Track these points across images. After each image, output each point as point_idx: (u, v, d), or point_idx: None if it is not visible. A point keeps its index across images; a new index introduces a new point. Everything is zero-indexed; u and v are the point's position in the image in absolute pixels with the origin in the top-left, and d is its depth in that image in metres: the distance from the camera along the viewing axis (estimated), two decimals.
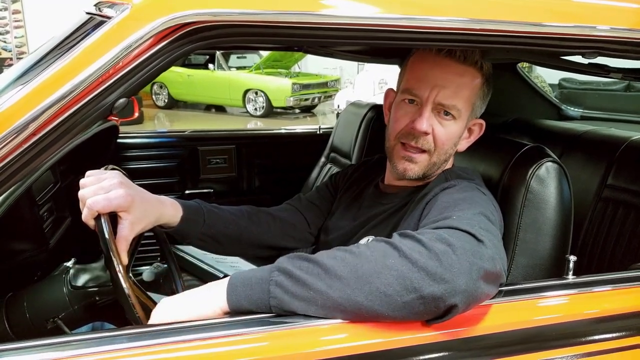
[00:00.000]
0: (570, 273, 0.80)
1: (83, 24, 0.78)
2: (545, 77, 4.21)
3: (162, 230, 0.98)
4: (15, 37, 8.18)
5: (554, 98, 2.05)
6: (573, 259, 0.81)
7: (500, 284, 0.73)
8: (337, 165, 1.92)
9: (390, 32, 0.71)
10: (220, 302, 0.69)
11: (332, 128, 2.04)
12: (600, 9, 0.81)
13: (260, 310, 0.67)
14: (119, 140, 1.85)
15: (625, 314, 0.79)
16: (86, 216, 0.80)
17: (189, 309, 0.70)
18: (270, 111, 9.04)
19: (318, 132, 2.16)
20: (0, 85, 0.73)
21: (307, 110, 9.77)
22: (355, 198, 1.08)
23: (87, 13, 0.80)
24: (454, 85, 0.89)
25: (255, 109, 9.09)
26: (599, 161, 1.30)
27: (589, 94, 6.29)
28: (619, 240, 1.23)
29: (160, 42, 0.62)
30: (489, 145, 1.09)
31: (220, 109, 10.00)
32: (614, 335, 0.77)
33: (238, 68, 9.70)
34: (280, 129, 2.23)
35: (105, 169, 0.90)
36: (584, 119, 2.04)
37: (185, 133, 2.08)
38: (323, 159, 2.01)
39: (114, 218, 0.84)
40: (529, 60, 1.51)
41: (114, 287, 0.78)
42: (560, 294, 0.78)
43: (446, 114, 0.90)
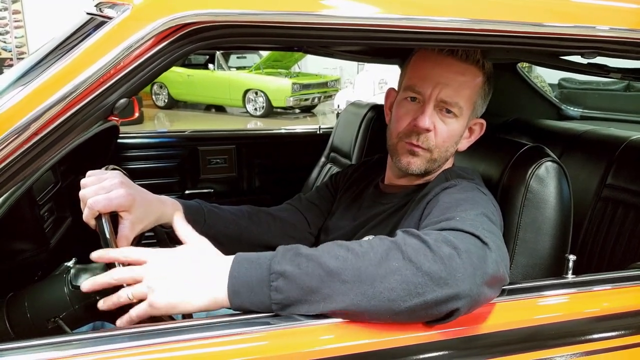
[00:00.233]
0: (570, 272, 0.80)
1: (84, 24, 0.78)
2: (545, 77, 4.22)
3: (163, 230, 0.98)
4: (15, 37, 8.18)
5: (553, 98, 2.05)
6: (572, 258, 0.81)
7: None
8: (337, 165, 1.92)
9: (390, 33, 0.71)
10: (222, 302, 0.67)
11: (332, 128, 2.04)
12: (600, 9, 0.81)
13: (263, 311, 0.66)
14: (119, 141, 1.85)
15: (624, 313, 0.79)
16: (87, 216, 0.80)
17: (182, 293, 0.67)
18: (270, 111, 9.04)
19: (318, 132, 2.16)
20: (2, 86, 0.74)
21: (307, 110, 9.76)
22: (355, 198, 1.08)
23: (88, 13, 0.80)
24: (456, 83, 0.90)
25: (255, 109, 9.09)
26: (598, 161, 1.30)
27: (588, 93, 6.29)
28: (619, 240, 1.23)
29: (161, 43, 0.63)
30: (489, 145, 1.09)
31: (220, 109, 9.99)
32: (613, 334, 0.77)
33: (238, 68, 9.70)
34: (280, 129, 2.23)
35: (106, 169, 0.90)
36: (583, 118, 2.04)
37: (186, 133, 2.08)
38: (323, 159, 2.01)
39: (114, 218, 0.85)
40: (528, 60, 1.52)
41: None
42: (560, 293, 0.79)
43: (448, 111, 0.91)
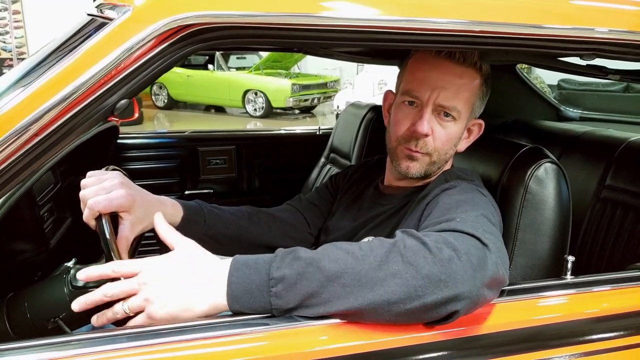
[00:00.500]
0: (569, 273, 0.81)
1: (84, 25, 0.78)
2: (544, 78, 4.22)
3: None
4: (15, 38, 8.18)
5: (552, 99, 2.06)
6: (571, 259, 0.81)
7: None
8: (337, 166, 1.92)
9: (389, 34, 0.71)
10: (222, 308, 0.67)
11: (332, 129, 2.04)
12: (599, 11, 0.81)
13: (263, 315, 0.66)
14: (118, 141, 1.85)
15: (623, 314, 0.79)
16: (87, 216, 0.80)
17: (183, 301, 0.66)
18: (269, 112, 9.04)
19: (318, 133, 2.16)
20: (2, 87, 0.74)
21: (307, 110, 9.77)
22: (355, 199, 1.08)
23: (89, 15, 0.80)
24: (454, 86, 0.90)
25: (255, 110, 9.09)
26: (597, 162, 1.31)
27: (587, 95, 6.29)
28: (618, 241, 1.23)
29: (162, 44, 0.63)
30: (488, 146, 1.09)
31: (219, 110, 9.99)
32: (612, 334, 0.77)
33: (238, 69, 9.71)
34: (280, 130, 2.23)
35: (106, 169, 0.90)
36: (582, 120, 2.04)
37: (185, 133, 2.08)
38: (323, 160, 2.01)
39: (114, 218, 0.85)
40: (527, 62, 1.52)
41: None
42: (559, 294, 0.79)
43: (446, 115, 0.91)
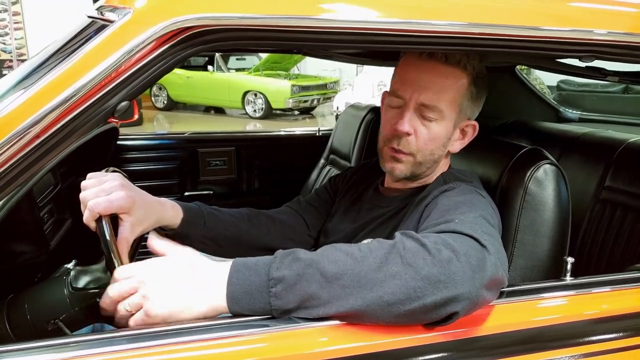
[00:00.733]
0: (568, 274, 0.81)
1: (85, 27, 0.78)
2: (544, 79, 4.22)
3: (163, 232, 0.98)
4: (15, 39, 8.18)
5: (552, 100, 2.06)
6: (571, 260, 0.81)
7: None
8: (337, 167, 1.92)
9: (388, 36, 0.71)
10: (221, 309, 0.67)
11: (332, 130, 2.05)
12: (598, 13, 0.81)
13: (263, 316, 0.67)
14: (118, 142, 1.85)
15: (623, 315, 0.79)
16: (87, 218, 0.80)
17: (180, 301, 0.67)
18: (269, 113, 9.04)
19: (317, 134, 2.16)
20: (2, 89, 0.74)
21: (306, 112, 9.77)
22: (355, 201, 1.08)
23: (89, 17, 0.80)
24: (437, 86, 0.90)
25: (255, 111, 9.09)
26: (597, 163, 1.31)
27: (587, 96, 6.29)
28: (617, 242, 1.23)
29: (162, 46, 0.63)
30: (487, 147, 1.09)
31: (219, 111, 9.99)
32: (612, 336, 0.77)
33: (237, 70, 9.71)
34: (280, 131, 2.24)
35: (106, 171, 0.91)
36: (582, 121, 2.04)
37: (185, 135, 2.08)
38: (322, 161, 2.01)
39: (114, 220, 0.85)
40: (526, 64, 1.52)
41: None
42: (559, 295, 0.79)
43: (429, 114, 0.91)
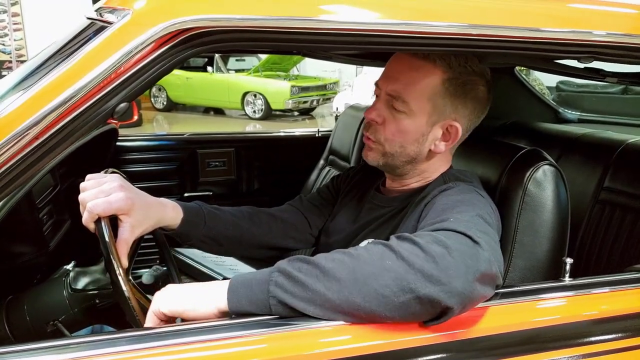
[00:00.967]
0: (567, 275, 0.81)
1: (84, 29, 0.79)
2: (543, 80, 4.22)
3: (162, 233, 0.98)
4: (14, 40, 8.18)
5: (551, 101, 2.06)
6: (569, 261, 0.81)
7: (497, 286, 0.73)
8: (336, 168, 1.93)
9: (388, 37, 0.72)
10: (219, 303, 0.69)
11: (331, 131, 2.05)
12: (597, 14, 0.82)
13: (260, 312, 0.68)
14: (118, 143, 1.85)
15: (622, 316, 0.79)
16: (86, 219, 0.80)
17: (187, 302, 0.71)
18: (269, 114, 9.04)
19: (317, 135, 2.16)
20: (2, 90, 0.74)
21: (306, 112, 9.77)
22: (357, 201, 1.08)
23: (88, 18, 0.81)
24: (405, 78, 0.90)
25: (254, 112, 9.09)
26: (596, 164, 1.31)
27: (586, 96, 6.28)
28: (616, 242, 1.23)
29: (161, 47, 0.63)
30: (486, 148, 1.10)
31: (218, 112, 9.99)
32: (611, 336, 0.77)
33: (237, 71, 9.70)
34: (279, 132, 2.24)
35: (106, 172, 0.91)
36: (581, 121, 2.04)
37: (185, 136, 2.08)
38: (322, 162, 2.02)
39: (114, 221, 0.85)
40: (525, 65, 1.52)
41: (113, 290, 0.78)
42: (558, 296, 0.79)
43: (397, 106, 0.91)
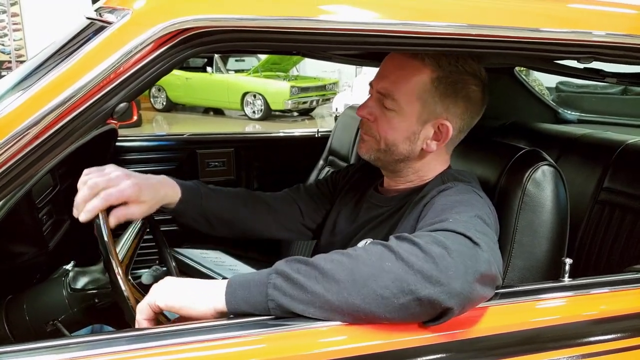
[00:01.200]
0: (567, 275, 0.81)
1: (84, 29, 0.79)
2: (543, 80, 4.23)
3: (161, 232, 0.99)
4: (14, 40, 8.17)
5: (550, 101, 2.06)
6: (569, 261, 0.81)
7: (497, 287, 0.73)
8: (336, 169, 1.92)
9: (387, 38, 0.72)
10: (217, 303, 0.69)
11: (331, 131, 2.05)
12: (596, 14, 0.82)
13: (259, 313, 0.68)
14: (117, 144, 1.85)
15: (621, 316, 0.79)
16: (96, 207, 0.81)
17: (184, 299, 0.70)
18: (268, 114, 9.04)
19: (316, 135, 2.17)
20: (2, 90, 0.74)
21: (305, 113, 9.77)
22: (356, 201, 1.09)
23: (88, 18, 0.81)
24: (394, 76, 0.92)
25: (254, 112, 9.09)
26: (595, 164, 1.31)
27: (585, 97, 6.29)
28: (616, 243, 1.23)
29: (161, 48, 0.63)
30: (486, 148, 1.10)
31: (218, 112, 9.99)
32: (611, 336, 0.77)
33: (236, 71, 9.70)
34: (279, 132, 2.24)
35: None
36: (580, 122, 2.05)
37: (184, 136, 2.08)
38: (321, 162, 2.02)
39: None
40: (525, 65, 1.52)
41: (113, 290, 0.78)
42: (557, 296, 0.79)
43: (387, 104, 0.92)
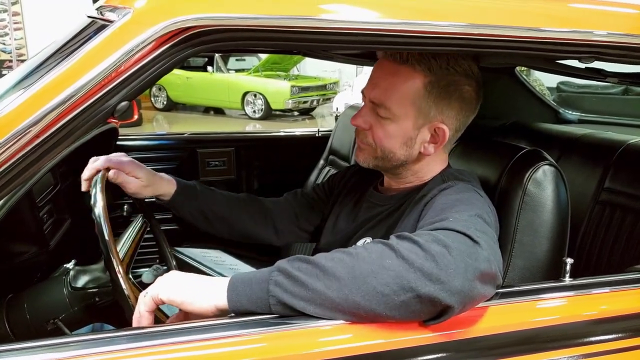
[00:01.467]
0: (567, 275, 0.81)
1: (84, 27, 0.79)
2: (543, 80, 4.23)
3: (162, 231, 1.00)
4: (15, 39, 8.18)
5: (551, 101, 2.06)
6: (570, 261, 0.81)
7: (497, 286, 0.73)
8: (336, 168, 1.92)
9: (388, 37, 0.71)
10: (218, 300, 0.69)
11: (331, 131, 2.05)
12: (598, 14, 0.82)
13: (260, 310, 0.68)
14: (118, 143, 1.85)
15: (622, 316, 0.79)
16: (96, 166, 0.96)
17: (187, 294, 0.71)
18: (269, 114, 9.04)
19: (317, 135, 2.17)
20: (2, 89, 0.74)
21: (306, 112, 9.77)
22: (356, 200, 1.09)
23: (89, 17, 0.81)
24: (385, 83, 0.91)
25: (254, 112, 9.09)
26: (596, 164, 1.31)
27: (586, 97, 6.29)
28: (616, 243, 1.23)
29: (162, 46, 0.63)
30: (486, 148, 1.10)
31: (218, 112, 9.99)
32: (611, 336, 0.77)
33: (237, 71, 9.70)
34: (279, 132, 2.24)
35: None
36: (581, 122, 2.04)
37: (185, 135, 2.08)
38: (322, 162, 2.01)
39: (118, 189, 0.98)
40: (526, 65, 1.52)
41: (113, 289, 0.79)
42: (557, 296, 0.79)
43: (381, 112, 0.92)
